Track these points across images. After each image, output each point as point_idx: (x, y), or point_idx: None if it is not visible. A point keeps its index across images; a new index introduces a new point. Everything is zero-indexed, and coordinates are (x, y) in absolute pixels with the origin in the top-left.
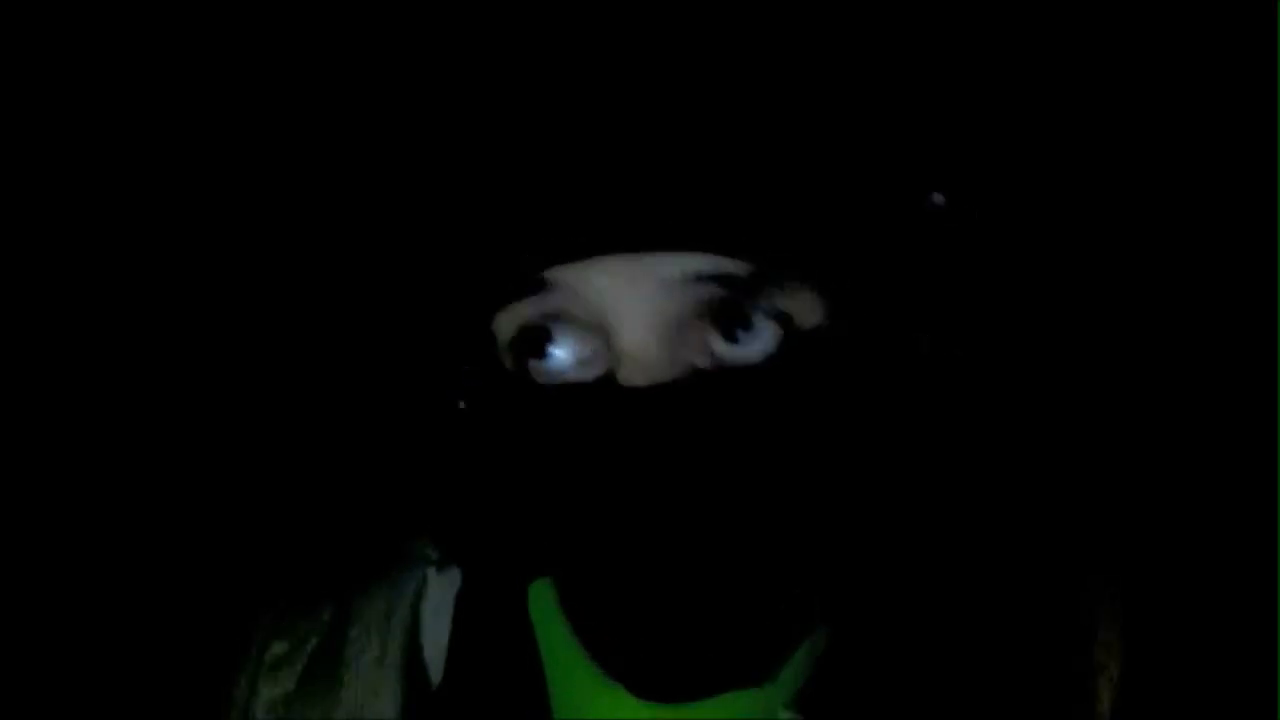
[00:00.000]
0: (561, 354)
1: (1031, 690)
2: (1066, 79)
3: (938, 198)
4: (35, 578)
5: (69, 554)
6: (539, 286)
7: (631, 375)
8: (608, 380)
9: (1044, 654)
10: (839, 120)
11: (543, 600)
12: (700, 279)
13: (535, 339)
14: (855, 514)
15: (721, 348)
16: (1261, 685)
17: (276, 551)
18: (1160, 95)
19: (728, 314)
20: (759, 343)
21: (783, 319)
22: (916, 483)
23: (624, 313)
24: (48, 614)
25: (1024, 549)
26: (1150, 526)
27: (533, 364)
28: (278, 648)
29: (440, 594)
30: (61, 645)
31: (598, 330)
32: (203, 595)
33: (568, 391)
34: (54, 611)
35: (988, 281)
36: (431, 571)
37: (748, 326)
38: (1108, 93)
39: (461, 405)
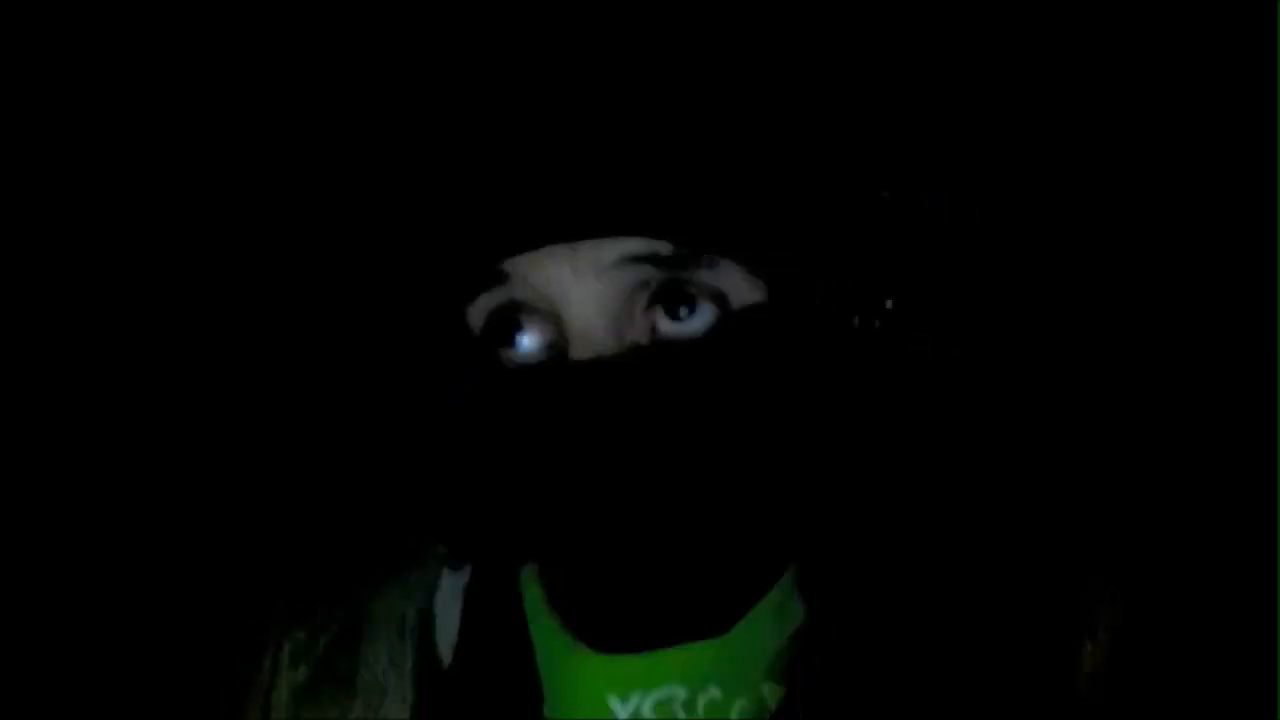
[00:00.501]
0: (526, 340)
1: (1020, 679)
2: (1049, 68)
3: (885, 194)
4: (60, 577)
5: (97, 555)
6: (497, 279)
7: (581, 355)
8: (560, 359)
9: (1034, 642)
10: (759, 106)
11: (532, 585)
12: (634, 260)
13: (504, 328)
14: (799, 478)
15: (666, 326)
16: (1261, 685)
17: (295, 551)
18: (1160, 95)
19: (668, 293)
20: (699, 320)
21: (719, 297)
22: (884, 457)
23: (570, 298)
24: (73, 613)
25: (1010, 533)
26: (1150, 526)
27: (504, 352)
28: (297, 638)
29: (453, 589)
30: (88, 639)
31: (554, 316)
32: (224, 592)
33: (527, 373)
34: (80, 609)
35: (973, 277)
36: (445, 570)
37: (690, 305)
38: (1098, 87)
39: (454, 401)
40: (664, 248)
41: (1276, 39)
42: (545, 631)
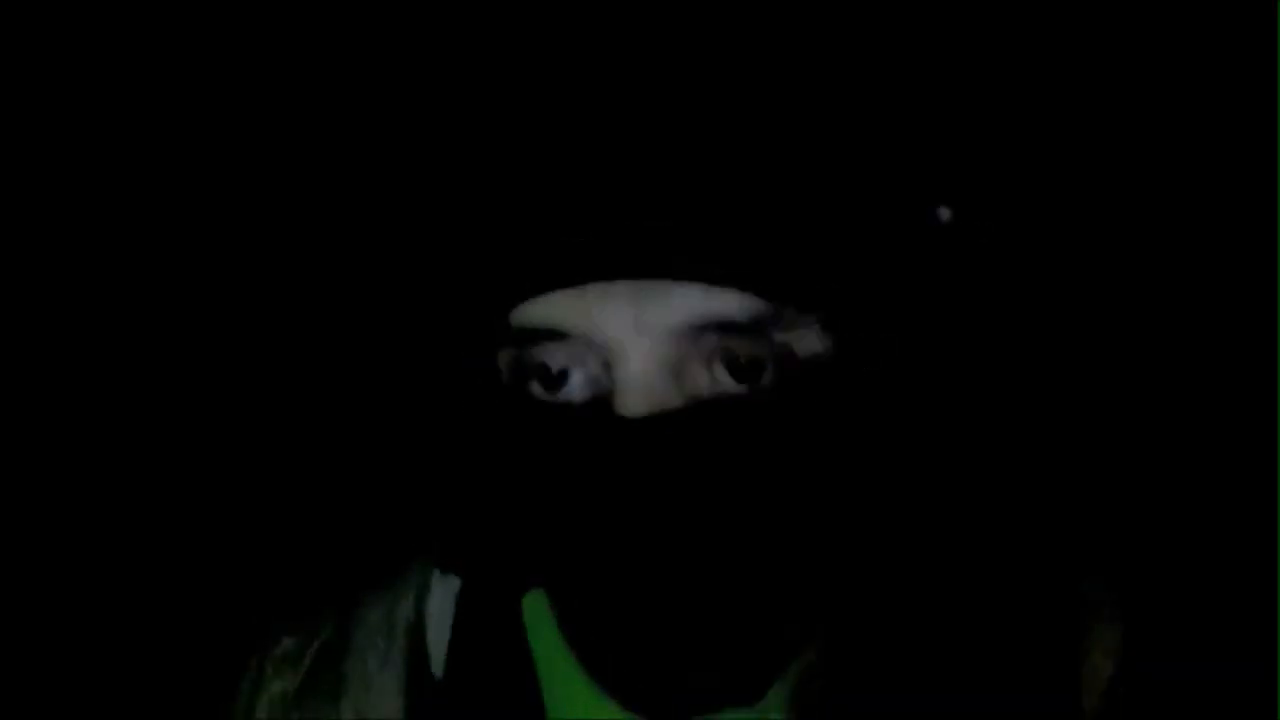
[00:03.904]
0: (575, 381)
1: (1023, 692)
2: (1070, 91)
3: (944, 213)
4: (53, 578)
5: (90, 558)
6: (552, 336)
7: (634, 404)
8: (604, 405)
9: (1036, 655)
10: (849, 165)
11: (537, 611)
12: (703, 328)
13: (540, 367)
14: (849, 539)
15: (725, 379)
16: (1261, 685)
17: (286, 558)
18: (1161, 102)
19: (731, 351)
20: (764, 378)
21: (784, 352)
22: (911, 503)
23: (630, 353)
24: (65, 615)
25: (1020, 563)
26: (1150, 529)
27: (536, 384)
28: (285, 645)
29: (444, 598)
30: (79, 642)
31: (599, 358)
32: (214, 597)
33: (566, 412)
34: (72, 612)
35: (985, 292)
36: (436, 574)
37: (751, 362)
38: (1107, 99)
39: (462, 411)
40: (740, 313)
41: (1277, 39)
42: (555, 663)
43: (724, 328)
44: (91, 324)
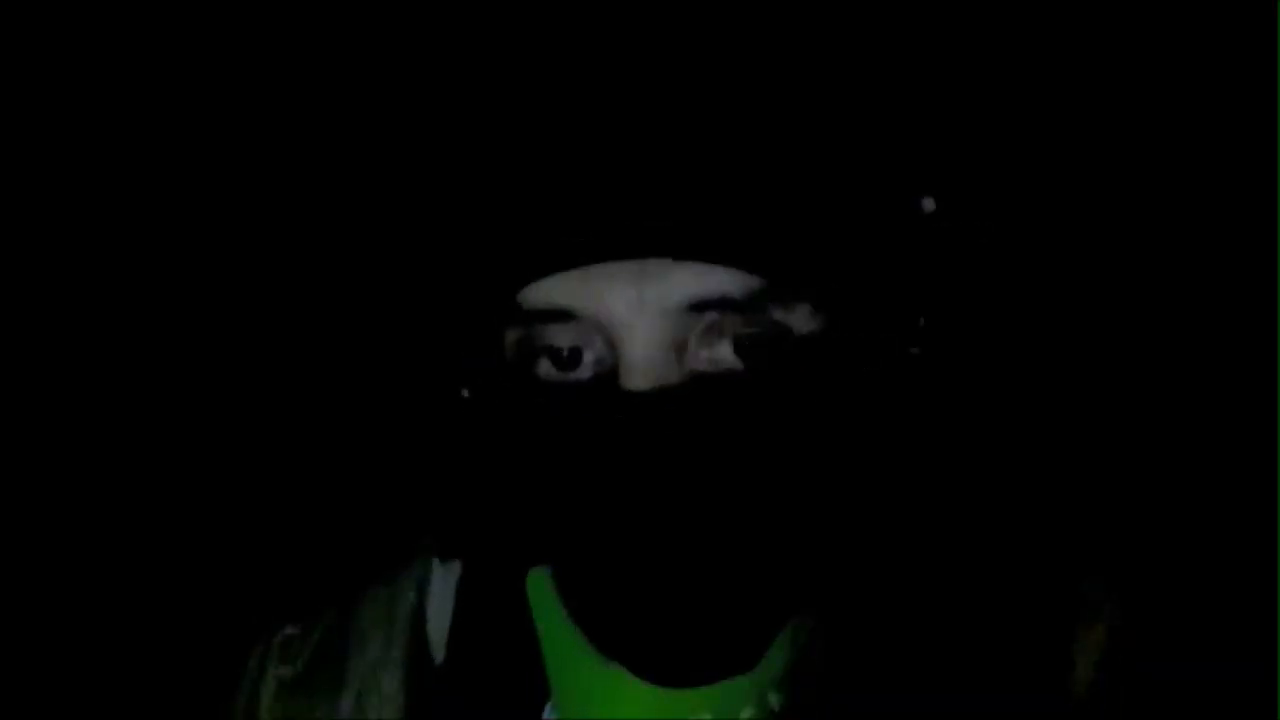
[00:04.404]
0: (579, 359)
1: (1017, 683)
2: (1069, 83)
3: (928, 203)
4: (54, 571)
5: (91, 547)
6: (560, 317)
7: (637, 380)
8: (609, 381)
9: (1030, 646)
10: (841, 144)
11: (540, 588)
12: (708, 304)
13: (549, 347)
14: (842, 509)
15: (725, 355)
16: (1261, 685)
17: (288, 548)
18: (1160, 95)
19: (731, 328)
20: (764, 354)
21: (782, 330)
22: (904, 480)
23: (635, 329)
24: (66, 607)
25: (1012, 543)
26: (1149, 529)
27: (542, 363)
28: (287, 634)
29: (444, 585)
30: (80, 632)
31: (604, 337)
32: (216, 587)
33: (570, 389)
34: (73, 602)
35: (983, 281)
36: (435, 562)
37: (750, 339)
38: (1108, 94)
39: (465, 394)
40: (740, 286)
41: (1277, 39)
42: (561, 639)
43: (723, 305)
44: (92, 319)
